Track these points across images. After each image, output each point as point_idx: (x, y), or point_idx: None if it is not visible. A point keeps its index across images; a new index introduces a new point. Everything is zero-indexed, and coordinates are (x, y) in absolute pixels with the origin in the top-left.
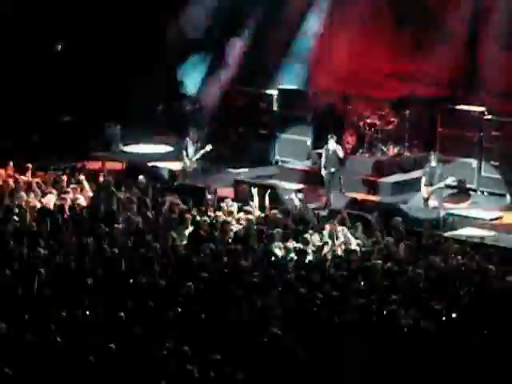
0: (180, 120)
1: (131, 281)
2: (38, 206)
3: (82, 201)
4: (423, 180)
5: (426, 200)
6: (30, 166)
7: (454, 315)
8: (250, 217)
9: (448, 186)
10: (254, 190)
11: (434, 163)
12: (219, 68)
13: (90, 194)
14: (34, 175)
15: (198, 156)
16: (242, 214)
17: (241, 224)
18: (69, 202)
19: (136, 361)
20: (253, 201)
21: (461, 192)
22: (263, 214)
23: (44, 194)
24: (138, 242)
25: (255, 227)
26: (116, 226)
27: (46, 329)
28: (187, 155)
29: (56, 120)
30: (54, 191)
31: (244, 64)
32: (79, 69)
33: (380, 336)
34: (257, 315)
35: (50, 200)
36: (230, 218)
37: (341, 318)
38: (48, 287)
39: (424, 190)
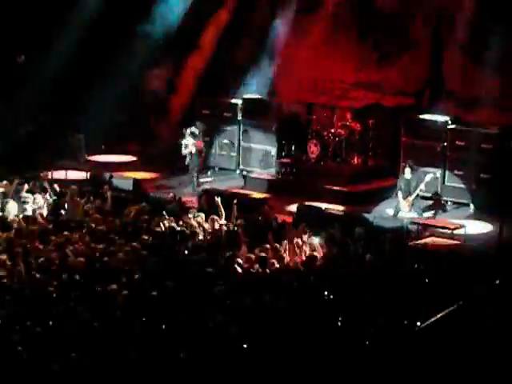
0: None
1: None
2: None
3: (45, 209)
4: (400, 194)
5: (408, 212)
6: None
7: (418, 323)
8: (216, 226)
9: (426, 186)
10: (218, 200)
11: (408, 175)
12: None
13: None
14: None
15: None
16: (207, 224)
17: (207, 233)
18: (30, 211)
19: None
20: (218, 211)
21: (435, 203)
22: (230, 224)
23: (4, 204)
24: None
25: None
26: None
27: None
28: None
29: (19, 130)
30: (13, 201)
31: (209, 73)
32: (42, 78)
33: (346, 344)
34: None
35: (12, 209)
36: (196, 228)
37: (307, 326)
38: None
39: (403, 204)
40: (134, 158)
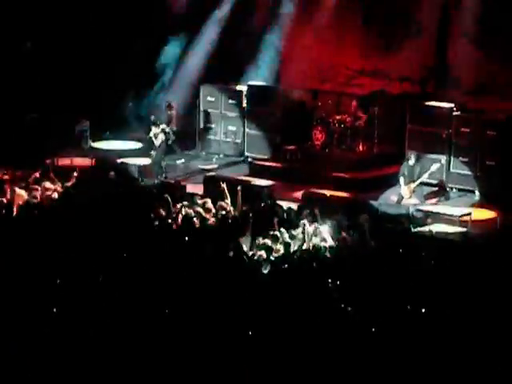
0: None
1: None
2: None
3: (54, 196)
4: (402, 180)
5: (408, 198)
6: None
7: (422, 310)
8: (224, 213)
9: (431, 175)
10: (224, 185)
11: (412, 162)
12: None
13: (60, 190)
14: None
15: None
16: (214, 211)
17: (214, 220)
18: (39, 198)
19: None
20: (225, 198)
21: (439, 190)
22: (235, 211)
23: (13, 192)
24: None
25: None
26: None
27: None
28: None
29: (25, 118)
30: (22, 189)
31: (214, 59)
32: (47, 66)
33: (352, 334)
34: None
35: (20, 197)
36: (205, 215)
37: (311, 317)
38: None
39: (405, 190)
40: (140, 145)
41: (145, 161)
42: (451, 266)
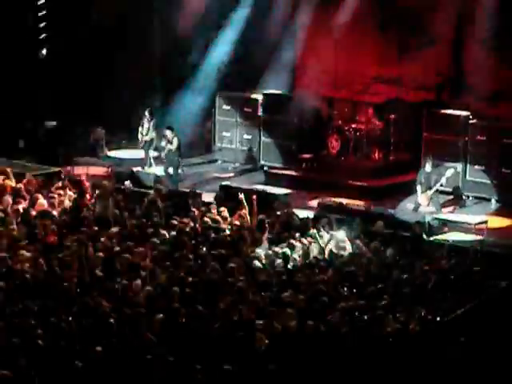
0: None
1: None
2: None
3: (68, 204)
4: (419, 188)
5: (425, 206)
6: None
7: (437, 319)
8: (241, 222)
9: (447, 179)
10: (242, 196)
11: (428, 169)
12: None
13: (73, 198)
14: (19, 180)
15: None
16: (231, 220)
17: (230, 229)
18: (56, 206)
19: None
20: (243, 207)
21: (455, 198)
22: (252, 219)
23: (33, 199)
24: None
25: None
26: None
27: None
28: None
29: (41, 125)
30: (41, 196)
31: (230, 68)
32: (63, 74)
33: (366, 341)
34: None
35: (41, 205)
36: (224, 224)
37: (326, 323)
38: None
39: (422, 198)
40: (155, 154)
41: (160, 169)
42: (467, 273)
